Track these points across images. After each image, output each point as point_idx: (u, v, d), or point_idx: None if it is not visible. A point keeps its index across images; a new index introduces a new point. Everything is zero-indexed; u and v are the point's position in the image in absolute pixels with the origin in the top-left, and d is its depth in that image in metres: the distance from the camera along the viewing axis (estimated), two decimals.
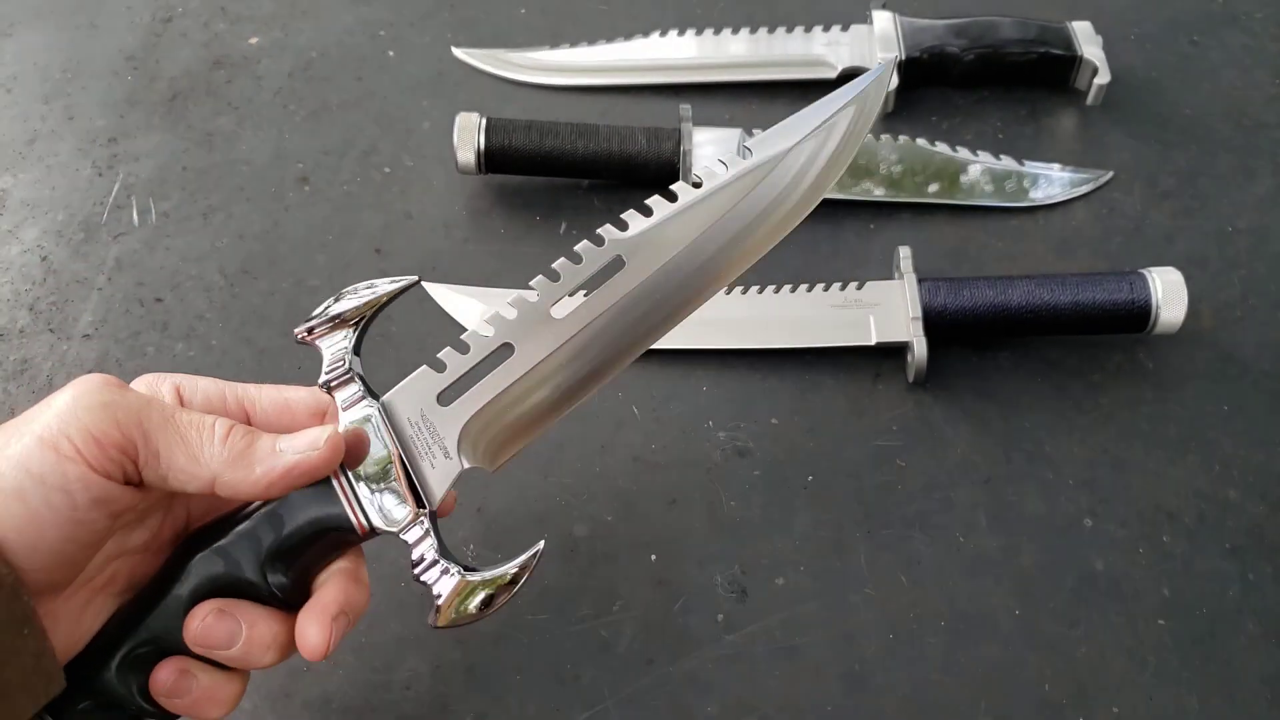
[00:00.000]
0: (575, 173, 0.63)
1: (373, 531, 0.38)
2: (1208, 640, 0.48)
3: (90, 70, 0.70)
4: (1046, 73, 0.66)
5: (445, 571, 0.37)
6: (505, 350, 0.39)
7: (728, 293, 0.57)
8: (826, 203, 0.61)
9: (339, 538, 0.38)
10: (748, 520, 0.51)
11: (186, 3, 0.74)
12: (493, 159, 0.61)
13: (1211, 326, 0.57)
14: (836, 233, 0.61)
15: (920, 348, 0.53)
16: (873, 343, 0.55)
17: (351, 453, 0.38)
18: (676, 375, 0.56)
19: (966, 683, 0.47)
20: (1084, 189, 0.63)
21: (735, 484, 0.53)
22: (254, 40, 0.72)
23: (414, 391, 0.39)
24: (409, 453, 0.38)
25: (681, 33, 0.68)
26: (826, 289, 0.56)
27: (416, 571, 0.38)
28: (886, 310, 0.55)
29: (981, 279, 0.55)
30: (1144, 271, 0.54)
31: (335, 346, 0.39)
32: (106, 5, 0.74)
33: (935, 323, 0.54)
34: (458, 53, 0.70)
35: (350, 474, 0.38)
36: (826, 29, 0.68)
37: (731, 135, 0.62)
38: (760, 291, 0.57)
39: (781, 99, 0.67)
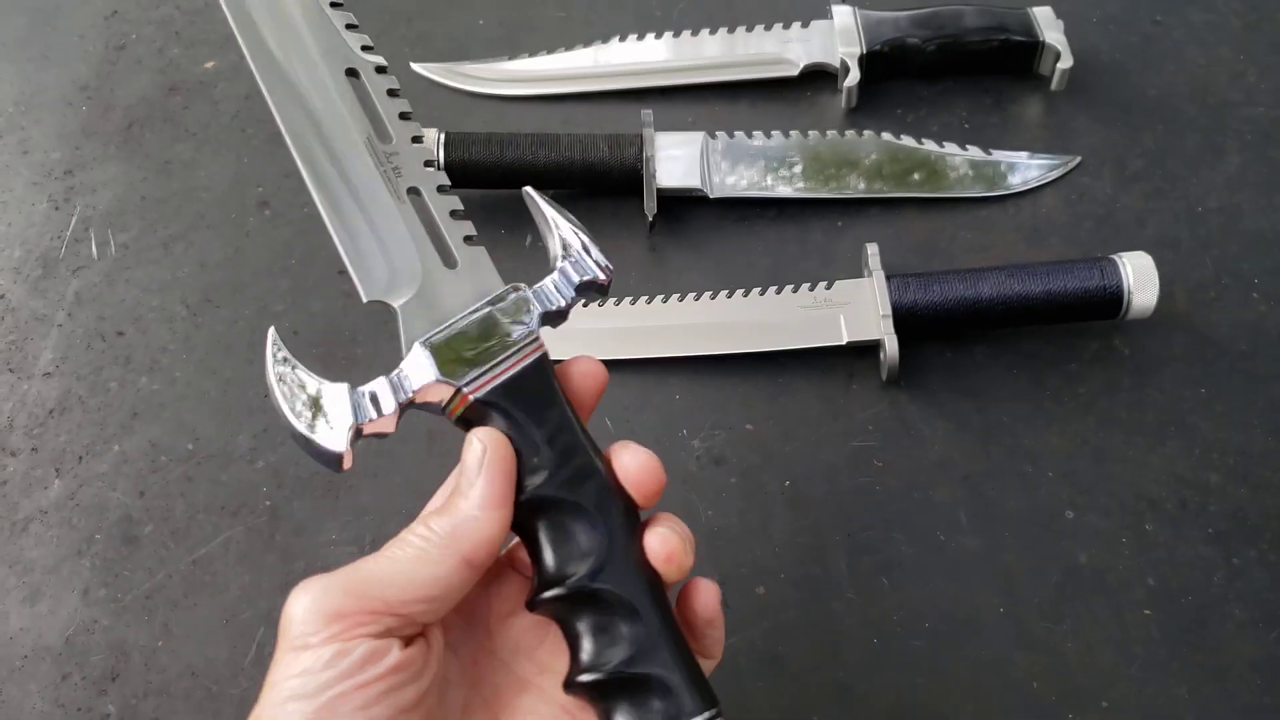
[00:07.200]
0: (538, 183, 0.60)
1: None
2: (1195, 628, 0.48)
3: (43, 102, 0.69)
4: (1009, 60, 0.65)
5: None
6: None
7: (696, 299, 0.57)
8: (794, 203, 0.61)
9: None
10: (726, 529, 0.51)
11: (140, 29, 0.73)
12: (453, 173, 0.59)
13: (1186, 309, 0.57)
14: (804, 233, 0.60)
15: (891, 345, 0.53)
16: (844, 342, 0.54)
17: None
18: (649, 384, 0.55)
19: (953, 685, 0.47)
20: (1053, 175, 0.62)
21: (712, 492, 0.52)
22: (209, 64, 0.71)
23: None
24: None
25: (641, 37, 0.68)
26: (796, 290, 0.56)
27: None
28: (856, 309, 0.54)
29: (951, 272, 0.55)
30: (1114, 257, 0.54)
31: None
32: (58, 35, 0.73)
33: (906, 319, 0.54)
34: (416, 67, 0.69)
35: None
36: (787, 26, 0.67)
37: (695, 139, 0.61)
38: (729, 295, 0.56)
39: (744, 99, 0.66)
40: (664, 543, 0.35)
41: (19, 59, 0.72)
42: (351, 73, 0.40)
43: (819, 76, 0.66)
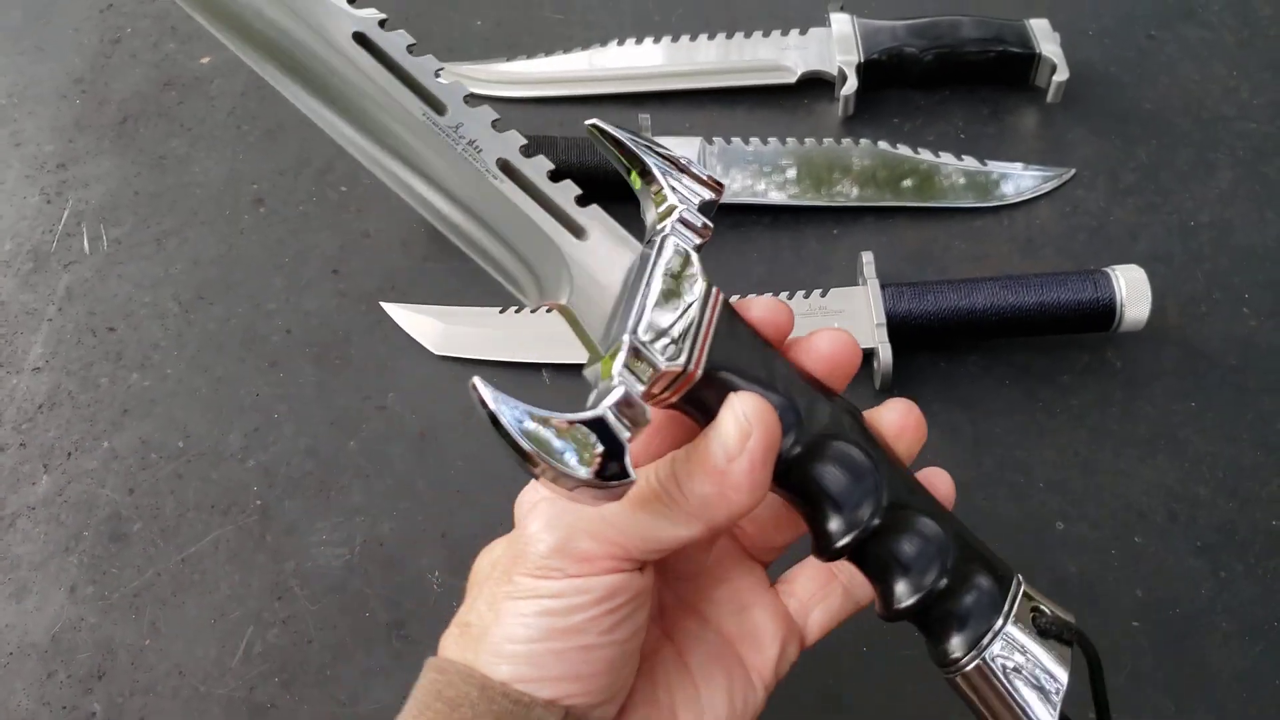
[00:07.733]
0: None
1: None
2: (1182, 640, 0.48)
3: (37, 95, 0.69)
4: (1006, 71, 0.66)
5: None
6: None
7: None
8: (790, 209, 0.61)
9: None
10: None
11: (135, 23, 0.73)
12: None
13: (1178, 322, 0.57)
14: (799, 240, 0.61)
15: (885, 354, 0.53)
16: None
17: None
18: None
19: (941, 695, 0.46)
20: (1047, 187, 0.62)
21: None
22: (205, 59, 0.70)
23: None
24: None
25: (639, 41, 0.68)
26: (790, 297, 0.56)
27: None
28: (851, 317, 0.54)
29: (945, 282, 0.55)
30: (1107, 270, 0.54)
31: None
32: (53, 28, 0.73)
33: (900, 328, 0.54)
34: None
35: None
36: (785, 33, 0.67)
37: (691, 143, 0.62)
38: None
39: (741, 105, 0.67)
40: (904, 414, 0.34)
41: (13, 51, 0.71)
42: (359, 38, 0.33)
43: (816, 84, 0.67)
